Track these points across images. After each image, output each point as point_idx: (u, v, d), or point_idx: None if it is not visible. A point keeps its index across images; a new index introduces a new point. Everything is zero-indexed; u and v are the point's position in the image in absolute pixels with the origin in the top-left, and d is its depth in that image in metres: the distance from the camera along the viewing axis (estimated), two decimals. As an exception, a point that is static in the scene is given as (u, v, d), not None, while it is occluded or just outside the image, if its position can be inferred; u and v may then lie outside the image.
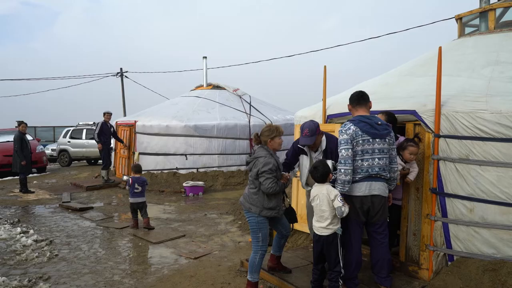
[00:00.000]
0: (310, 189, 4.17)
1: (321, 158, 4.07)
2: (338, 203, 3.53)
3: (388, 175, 3.71)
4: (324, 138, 4.11)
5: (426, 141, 4.09)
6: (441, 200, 3.99)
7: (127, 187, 7.06)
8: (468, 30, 5.98)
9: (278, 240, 4.37)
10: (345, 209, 3.53)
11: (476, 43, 5.33)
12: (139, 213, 7.09)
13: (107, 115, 11.50)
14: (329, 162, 3.98)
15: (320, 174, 3.69)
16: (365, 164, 3.60)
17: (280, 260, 4.45)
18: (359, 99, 3.82)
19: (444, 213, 3.98)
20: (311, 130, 3.95)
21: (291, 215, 4.49)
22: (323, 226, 3.66)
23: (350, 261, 3.74)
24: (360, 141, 3.59)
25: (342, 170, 3.57)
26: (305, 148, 4.21)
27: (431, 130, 4.02)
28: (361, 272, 4.04)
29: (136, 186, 6.90)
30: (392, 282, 3.89)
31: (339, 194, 3.57)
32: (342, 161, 3.58)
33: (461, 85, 4.34)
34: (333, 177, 3.85)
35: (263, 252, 3.99)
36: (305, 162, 4.26)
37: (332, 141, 4.08)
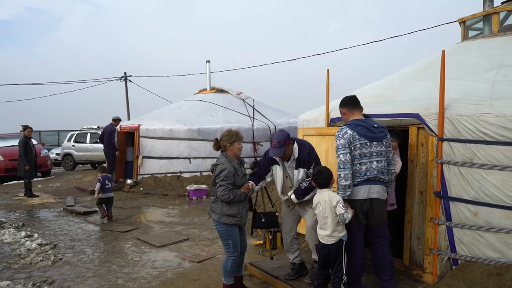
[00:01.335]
0: (287, 198, 4.19)
1: (294, 167, 4.04)
2: (340, 209, 3.52)
3: (387, 178, 3.72)
4: (296, 146, 4.03)
5: (430, 144, 4.08)
6: (445, 203, 3.98)
7: (97, 185, 7.76)
8: (471, 33, 5.98)
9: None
10: (347, 216, 3.51)
11: (480, 46, 5.33)
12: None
13: (118, 121, 11.93)
14: (301, 171, 3.98)
15: (325, 177, 3.68)
16: (364, 168, 3.60)
17: (242, 281, 4.37)
18: (356, 102, 3.82)
19: (448, 217, 3.96)
20: (280, 141, 3.87)
21: (272, 220, 4.54)
22: (327, 234, 3.64)
23: (354, 266, 3.73)
24: (358, 145, 3.58)
25: (342, 175, 3.55)
26: (276, 158, 4.13)
27: (435, 134, 4.01)
28: (365, 276, 4.03)
29: (107, 182, 7.86)
30: (396, 286, 3.88)
31: (341, 200, 3.55)
32: (341, 166, 3.56)
33: (465, 88, 4.33)
34: (304, 185, 3.96)
35: (235, 258, 4.06)
36: (278, 172, 4.19)
37: (304, 149, 4.02)
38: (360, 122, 3.67)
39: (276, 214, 4.72)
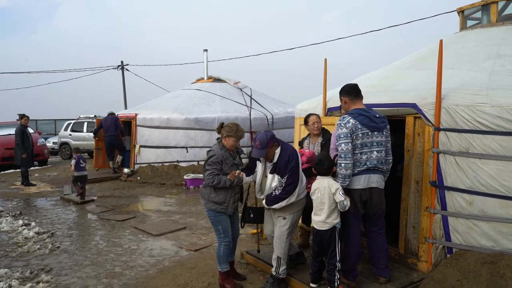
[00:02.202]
0: (262, 198, 4.10)
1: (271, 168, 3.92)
2: (340, 197, 3.54)
3: (385, 168, 3.73)
4: (278, 150, 3.85)
5: (426, 134, 4.09)
6: (441, 193, 4.00)
7: (72, 161, 8.48)
8: (470, 23, 5.95)
9: None
10: (347, 203, 3.54)
11: (478, 36, 5.30)
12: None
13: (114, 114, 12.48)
14: (276, 178, 3.82)
15: (327, 167, 3.68)
16: (364, 157, 3.61)
17: (234, 266, 4.40)
18: (358, 91, 3.81)
19: (444, 206, 3.99)
20: (262, 142, 3.76)
21: (260, 215, 4.39)
22: (321, 220, 3.66)
23: (350, 254, 3.76)
24: (360, 135, 3.59)
25: (343, 165, 3.56)
26: None
27: (431, 123, 4.01)
28: (361, 264, 4.07)
29: (81, 162, 8.50)
30: (391, 274, 3.93)
31: (341, 187, 3.57)
32: (342, 155, 3.57)
33: (462, 78, 4.33)
34: (275, 193, 3.78)
35: (227, 243, 4.12)
36: (259, 169, 4.09)
37: (283, 156, 3.80)
38: (362, 111, 3.66)
39: (266, 210, 4.66)
